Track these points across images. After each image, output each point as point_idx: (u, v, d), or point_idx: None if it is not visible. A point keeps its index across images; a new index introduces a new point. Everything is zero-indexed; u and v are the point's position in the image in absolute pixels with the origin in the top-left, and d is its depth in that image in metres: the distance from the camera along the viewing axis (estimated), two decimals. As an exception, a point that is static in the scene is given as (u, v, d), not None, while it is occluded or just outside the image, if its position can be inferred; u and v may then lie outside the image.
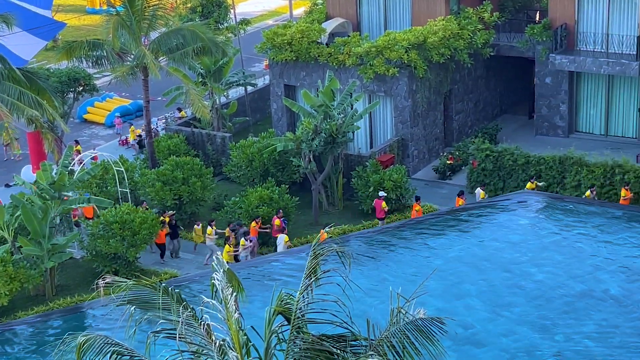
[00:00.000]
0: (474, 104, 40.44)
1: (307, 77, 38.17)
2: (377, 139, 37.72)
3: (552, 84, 38.41)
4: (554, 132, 38.80)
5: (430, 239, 28.56)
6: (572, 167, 32.39)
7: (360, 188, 33.17)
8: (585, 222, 29.09)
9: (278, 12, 68.08)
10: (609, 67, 36.02)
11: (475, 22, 37.80)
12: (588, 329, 22.74)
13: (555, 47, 37.05)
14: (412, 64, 35.42)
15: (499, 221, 29.75)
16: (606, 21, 36.81)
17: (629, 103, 37.85)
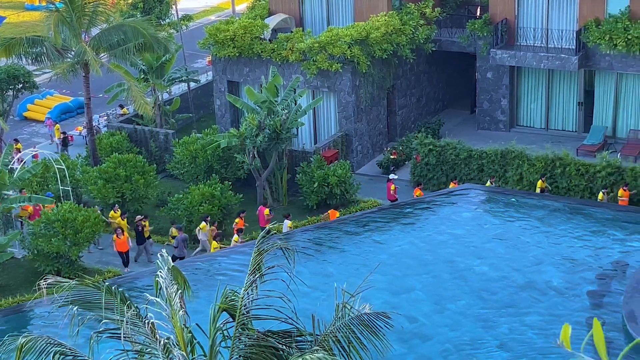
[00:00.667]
0: (416, 99, 40.70)
1: (250, 73, 38.06)
2: (321, 134, 37.76)
3: (493, 78, 38.80)
4: (495, 126, 39.21)
5: (375, 234, 28.66)
6: (514, 161, 32.78)
7: (304, 184, 33.18)
8: (527, 215, 29.44)
9: (220, 8, 67.74)
10: (548, 61, 36.50)
11: (417, 18, 38.02)
12: (531, 320, 23.03)
13: (496, 42, 37.44)
14: (355, 59, 35.52)
15: (442, 215, 29.98)
16: (546, 16, 37.29)
17: (569, 97, 38.39)
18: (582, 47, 36.26)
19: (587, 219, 28.69)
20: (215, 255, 28.09)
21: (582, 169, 31.72)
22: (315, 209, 32.73)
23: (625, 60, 35.83)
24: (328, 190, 32.75)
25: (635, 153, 35.29)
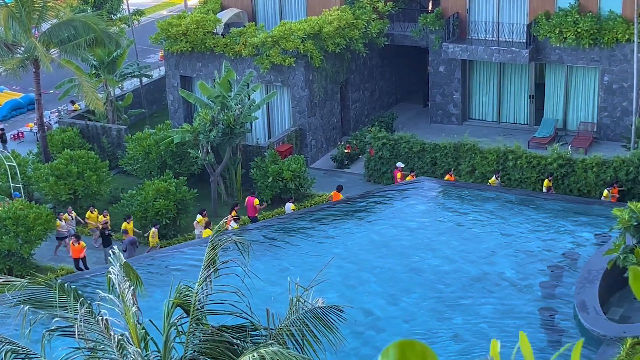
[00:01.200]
0: (370, 93, 40.84)
1: (203, 68, 37.91)
2: (275, 129, 37.75)
3: (445, 72, 39.06)
4: (448, 119, 39.49)
5: (330, 228, 28.75)
6: (466, 154, 33.05)
7: (259, 178, 33.16)
8: (480, 208, 29.72)
9: (172, 3, 67.30)
10: (500, 55, 36.83)
11: (369, 12, 38.14)
12: (484, 311, 23.29)
13: (448, 36, 37.69)
14: (308, 54, 35.54)
15: (396, 208, 30.16)
16: (497, 10, 37.61)
17: (520, 90, 38.78)
18: (533, 40, 36.65)
19: (539, 211, 29.04)
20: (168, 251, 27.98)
21: (534, 161, 32.08)
22: (270, 204, 32.72)
23: (575, 53, 36.28)
24: (282, 185, 32.77)
25: (585, 145, 35.77)
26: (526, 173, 32.10)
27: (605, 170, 31.20)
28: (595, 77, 36.69)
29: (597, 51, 35.88)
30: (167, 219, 30.76)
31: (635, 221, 19.80)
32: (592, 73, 36.76)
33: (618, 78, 35.92)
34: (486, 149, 32.79)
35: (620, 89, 35.98)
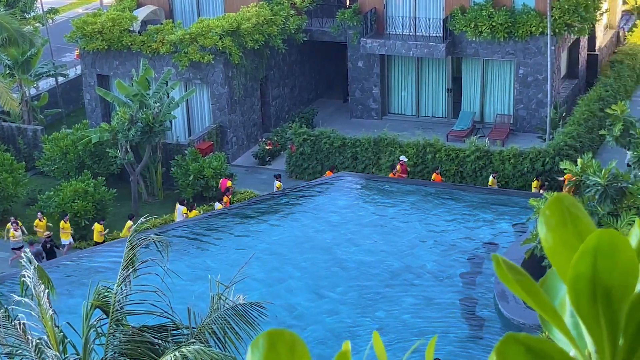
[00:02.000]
0: (290, 89, 40.83)
1: (120, 66, 37.42)
2: (195, 127, 37.49)
3: (364, 67, 39.27)
4: (368, 114, 39.71)
5: (252, 224, 28.67)
6: (387, 148, 33.31)
7: (180, 177, 32.89)
8: (401, 201, 29.98)
9: (88, 1, 66.25)
10: (417, 49, 37.18)
11: (287, 8, 38.12)
12: (407, 303, 23.50)
13: (366, 32, 37.90)
14: (227, 50, 35.37)
15: (318, 203, 30.21)
16: (413, 5, 37.95)
17: (438, 84, 39.22)
18: (449, 34, 37.09)
19: (458, 203, 29.41)
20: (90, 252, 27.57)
21: (452, 153, 32.49)
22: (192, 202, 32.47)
23: (490, 47, 36.83)
24: (204, 183, 32.56)
25: (502, 137, 36.35)
26: (445, 166, 32.48)
27: (522, 162, 31.76)
28: (511, 70, 37.31)
29: (512, 44, 36.48)
30: (86, 220, 30.30)
31: (551, 210, 20.14)
32: (508, 66, 37.38)
33: (533, 70, 36.58)
34: (406, 143, 33.10)
35: (535, 81, 36.64)
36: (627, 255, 1.29)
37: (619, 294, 1.29)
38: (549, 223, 1.38)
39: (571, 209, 1.36)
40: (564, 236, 1.36)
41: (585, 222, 1.36)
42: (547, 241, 1.38)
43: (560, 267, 1.38)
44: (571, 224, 1.36)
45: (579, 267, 1.30)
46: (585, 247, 1.31)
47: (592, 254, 1.31)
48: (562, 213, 1.36)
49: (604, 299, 1.30)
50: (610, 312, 1.33)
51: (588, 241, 1.31)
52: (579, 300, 1.31)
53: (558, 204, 1.35)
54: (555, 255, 1.39)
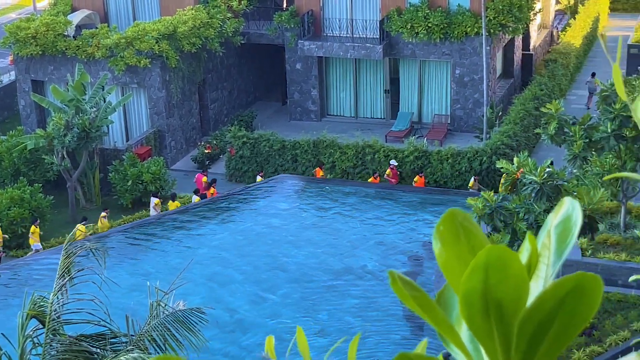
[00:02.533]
0: (228, 92, 40.69)
1: (55, 71, 36.92)
2: (133, 131, 37.15)
3: (302, 69, 39.31)
4: (307, 116, 39.76)
5: (193, 229, 28.51)
6: (326, 150, 33.39)
7: (118, 182, 32.57)
8: (341, 202, 30.07)
9: (21, 5, 65.28)
10: (355, 51, 37.33)
11: (224, 11, 38.00)
12: (349, 304, 23.58)
13: (304, 34, 37.94)
14: (163, 54, 35.12)
15: (259, 206, 30.16)
16: (350, 7, 38.10)
17: (376, 85, 39.42)
18: (386, 36, 37.30)
19: (398, 203, 29.60)
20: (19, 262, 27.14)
21: (391, 154, 32.68)
22: (131, 208, 32.18)
23: (426, 47, 37.13)
24: (142, 188, 32.28)
25: (440, 137, 36.66)
26: (384, 166, 32.66)
27: (460, 161, 32.08)
28: (447, 70, 37.66)
29: (448, 45, 36.83)
30: (23, 227, 29.83)
31: (488, 209, 20.40)
32: (444, 66, 37.72)
33: (469, 71, 36.97)
34: (345, 145, 33.22)
35: (471, 81, 37.04)
36: (517, 270, 1.31)
37: (510, 308, 1.31)
38: (443, 238, 1.39)
39: (464, 224, 1.38)
40: (458, 251, 1.38)
41: (478, 237, 1.38)
42: (441, 256, 1.40)
43: (454, 282, 1.40)
44: (464, 239, 1.38)
45: (470, 282, 1.32)
46: (476, 262, 1.33)
47: (483, 269, 1.33)
48: (456, 228, 1.37)
49: (496, 314, 1.32)
50: (502, 326, 1.35)
51: (479, 257, 1.33)
52: (472, 315, 1.32)
53: (452, 219, 1.37)
54: (449, 270, 1.40)
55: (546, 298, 1.29)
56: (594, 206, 20.52)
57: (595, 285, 1.31)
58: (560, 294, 1.30)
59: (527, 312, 1.29)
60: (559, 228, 1.42)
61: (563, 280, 1.31)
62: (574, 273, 1.34)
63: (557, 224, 1.44)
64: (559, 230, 1.42)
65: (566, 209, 1.45)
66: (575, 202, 1.49)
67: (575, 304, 1.32)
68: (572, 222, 1.44)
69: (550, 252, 1.40)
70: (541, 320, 1.31)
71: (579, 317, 1.31)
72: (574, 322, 1.31)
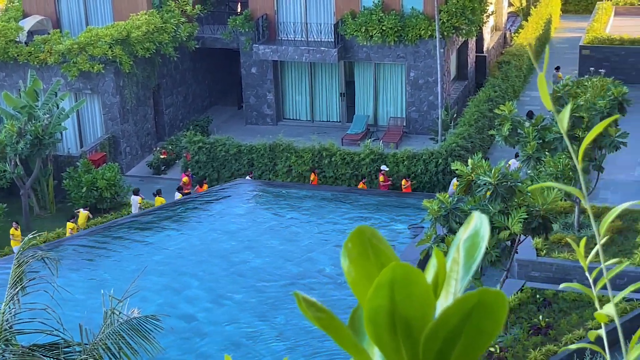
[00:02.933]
0: (183, 97, 40.51)
1: (7, 78, 36.49)
2: (87, 137, 36.82)
3: (257, 73, 39.26)
4: (263, 120, 39.71)
5: (149, 235, 28.33)
6: (282, 154, 33.35)
7: (72, 189, 32.26)
8: (298, 206, 30.07)
9: (-28, 11, 64.43)
10: (310, 55, 37.36)
11: (178, 16, 37.83)
12: (305, 309, 23.55)
13: (258, 38, 37.89)
14: (117, 59, 34.87)
15: (215, 211, 30.05)
16: (304, 10, 38.13)
17: (332, 89, 39.49)
18: (341, 39, 37.39)
19: (354, 206, 29.67)
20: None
21: (348, 157, 32.75)
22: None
23: (381, 50, 37.27)
24: (97, 194, 32.01)
25: (395, 139, 36.80)
26: (341, 170, 32.71)
27: (415, 164, 32.22)
28: (402, 73, 37.84)
29: (402, 48, 37.00)
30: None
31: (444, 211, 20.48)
32: (399, 69, 37.90)
33: (423, 73, 37.17)
34: (301, 148, 33.21)
35: (426, 83, 37.25)
36: (422, 287, 1.31)
37: (418, 325, 1.31)
38: (351, 255, 1.39)
39: (373, 241, 1.38)
40: (366, 268, 1.38)
41: (387, 253, 1.38)
42: (349, 274, 1.39)
43: (364, 300, 1.39)
44: (373, 256, 1.38)
45: (376, 299, 1.32)
46: (380, 280, 1.32)
47: (389, 287, 1.33)
48: (364, 245, 1.37)
49: (404, 331, 1.32)
50: (410, 342, 1.35)
51: (383, 274, 1.33)
52: (379, 333, 1.32)
53: (360, 236, 1.37)
54: (358, 287, 1.40)
55: (450, 314, 1.29)
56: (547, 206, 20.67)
57: (498, 301, 1.32)
58: (465, 310, 1.30)
59: (432, 329, 1.30)
60: (467, 243, 1.43)
61: (466, 297, 1.31)
62: (477, 289, 1.35)
63: (466, 238, 1.45)
64: (467, 245, 1.43)
65: (475, 224, 1.46)
66: (484, 216, 1.49)
67: (480, 319, 1.32)
68: (480, 237, 1.44)
69: (459, 267, 1.40)
70: (447, 336, 1.31)
71: (485, 333, 1.31)
72: (480, 338, 1.31)
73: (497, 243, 20.10)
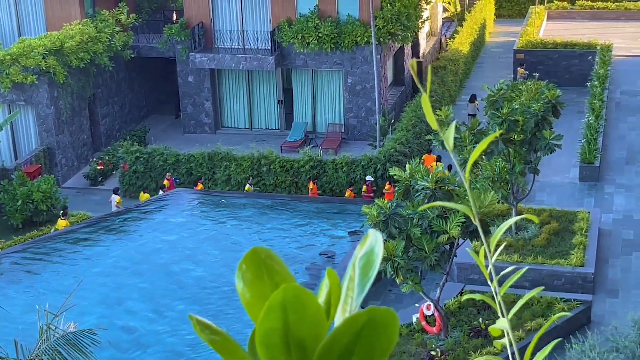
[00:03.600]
0: (119, 107, 40.10)
1: (-62, 90, 35.74)
2: (22, 149, 36.23)
3: (194, 82, 39.05)
4: (201, 129, 39.49)
5: (87, 247, 27.97)
6: (221, 162, 33.21)
7: (7, 202, 31.69)
8: (238, 215, 29.95)
9: None
10: (247, 62, 37.28)
11: (112, 25, 37.46)
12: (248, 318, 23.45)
13: (195, 46, 37.70)
14: (51, 70, 34.39)
15: (154, 222, 29.78)
16: (240, 18, 38.04)
17: (269, 96, 39.44)
18: (278, 47, 37.38)
19: (295, 214, 29.64)
20: None
21: (287, 165, 32.72)
22: (22, 228, 31.35)
23: (318, 57, 37.35)
24: (33, 207, 31.50)
25: (334, 146, 36.89)
26: (280, 177, 32.67)
27: (354, 169, 32.33)
28: (339, 79, 37.96)
29: (339, 54, 37.13)
30: None
31: (383, 217, 20.57)
32: (336, 76, 38.01)
33: (360, 79, 37.34)
34: (240, 156, 33.10)
35: (364, 90, 37.42)
36: (313, 308, 1.29)
37: (311, 346, 1.29)
38: (245, 277, 1.36)
39: (267, 262, 1.36)
40: (261, 289, 1.35)
41: (282, 273, 1.36)
42: (244, 296, 1.37)
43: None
44: (267, 277, 1.36)
45: (268, 322, 1.30)
46: (271, 302, 1.30)
47: (281, 309, 1.31)
48: (259, 266, 1.35)
49: (298, 352, 1.31)
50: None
51: (274, 297, 1.31)
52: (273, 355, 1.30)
53: (254, 258, 1.35)
54: (253, 309, 1.38)
55: (341, 333, 1.28)
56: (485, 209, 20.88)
57: (388, 318, 1.30)
58: (355, 329, 1.29)
59: (325, 348, 1.28)
60: (362, 261, 1.42)
61: (356, 316, 1.30)
62: (367, 308, 1.34)
63: (362, 256, 1.43)
64: (362, 263, 1.41)
65: (370, 242, 1.45)
66: (379, 234, 1.48)
67: (371, 337, 1.31)
68: (374, 255, 1.43)
69: (355, 285, 1.39)
70: (340, 355, 1.29)
71: (377, 349, 1.30)
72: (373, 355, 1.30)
73: (436, 247, 20.25)
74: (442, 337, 21.66)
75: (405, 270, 19.87)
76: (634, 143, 34.73)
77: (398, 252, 19.75)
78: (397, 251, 19.77)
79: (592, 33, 47.05)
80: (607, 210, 29.03)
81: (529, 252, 24.61)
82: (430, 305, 21.54)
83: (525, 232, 25.57)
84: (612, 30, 48.33)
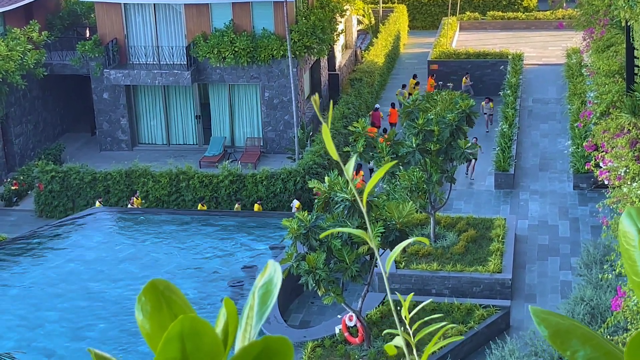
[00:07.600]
0: (33, 125, 39.40)
1: None
2: None
3: (110, 98, 38.60)
4: (117, 146, 39.04)
5: (2, 269, 27.39)
6: (139, 179, 32.89)
7: None
8: (157, 232, 29.69)
9: None
10: (163, 78, 37.02)
11: (24, 43, 36.80)
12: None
13: (109, 63, 37.28)
14: (-39, 89, 33.64)
15: (72, 241, 29.35)
16: (155, 34, 37.78)
17: (187, 111, 39.22)
18: (194, 62, 37.22)
19: (215, 229, 29.52)
20: None
21: (206, 180, 32.57)
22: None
23: (234, 71, 37.31)
24: (-55, 231, 30.73)
25: (253, 160, 36.85)
26: (199, 193, 32.50)
27: (274, 183, 32.34)
28: (257, 93, 37.97)
29: (256, 68, 37.15)
30: None
31: (304, 229, 20.65)
32: (253, 90, 38.02)
33: (278, 93, 37.41)
34: (158, 173, 32.84)
35: (281, 103, 37.49)
36: (210, 337, 1.33)
37: None
38: (144, 309, 1.39)
39: (165, 293, 1.39)
40: (161, 321, 1.38)
41: (180, 304, 1.39)
42: (144, 327, 1.40)
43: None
44: (166, 308, 1.39)
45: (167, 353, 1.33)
46: (169, 333, 1.33)
47: (179, 339, 1.34)
48: (158, 298, 1.37)
49: None
50: None
51: (172, 328, 1.34)
52: None
53: (153, 289, 1.37)
54: (153, 340, 1.41)
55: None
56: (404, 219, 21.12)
57: (284, 347, 1.34)
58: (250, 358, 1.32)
59: None
60: (261, 290, 1.45)
61: (250, 345, 1.34)
62: (261, 337, 1.38)
63: (261, 286, 1.47)
64: (261, 292, 1.45)
65: (269, 272, 1.49)
66: (277, 265, 1.52)
67: None
68: (273, 285, 1.47)
69: (254, 313, 1.42)
70: None
71: None
72: None
73: (357, 258, 20.40)
74: (365, 347, 21.80)
75: (327, 282, 19.96)
76: (546, 150, 35.52)
77: (319, 265, 19.84)
78: (318, 263, 19.86)
79: (503, 43, 48.02)
80: (522, 216, 29.62)
81: (447, 260, 24.95)
82: (353, 316, 21.68)
83: (443, 241, 25.92)
84: (523, 39, 49.40)
